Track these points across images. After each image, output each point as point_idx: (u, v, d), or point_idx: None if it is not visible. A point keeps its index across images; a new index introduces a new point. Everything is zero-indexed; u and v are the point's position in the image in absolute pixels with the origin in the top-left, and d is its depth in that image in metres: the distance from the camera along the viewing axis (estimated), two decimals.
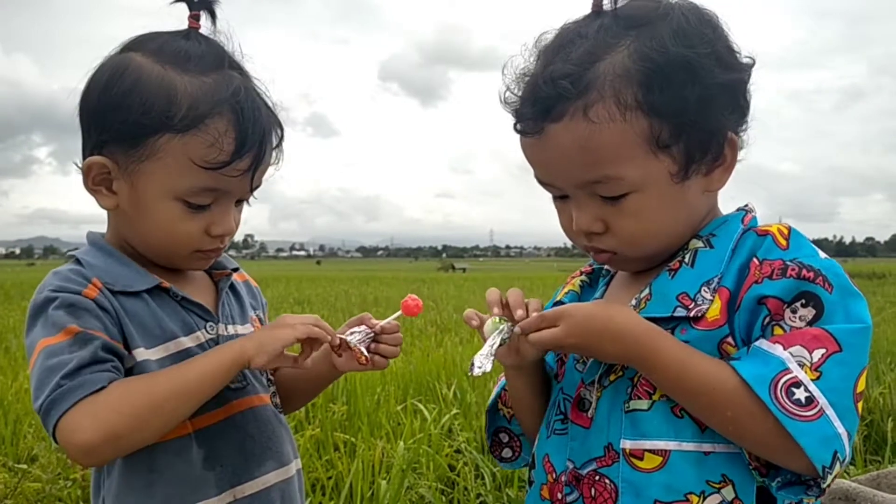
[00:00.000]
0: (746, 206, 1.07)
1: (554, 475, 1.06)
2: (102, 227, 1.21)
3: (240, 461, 1.15)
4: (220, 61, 1.08)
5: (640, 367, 0.96)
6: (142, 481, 1.08)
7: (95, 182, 1.09)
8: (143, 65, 1.06)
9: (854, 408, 0.88)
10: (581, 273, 1.22)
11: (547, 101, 0.95)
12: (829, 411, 0.85)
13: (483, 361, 0.97)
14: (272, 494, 1.18)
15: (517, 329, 0.99)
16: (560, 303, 1.17)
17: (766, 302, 0.92)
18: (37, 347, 1.02)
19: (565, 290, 1.21)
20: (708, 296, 0.97)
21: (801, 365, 0.87)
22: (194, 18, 1.10)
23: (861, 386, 0.89)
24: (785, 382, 0.87)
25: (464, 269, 63.61)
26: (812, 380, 0.86)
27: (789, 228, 0.99)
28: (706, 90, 0.94)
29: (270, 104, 1.13)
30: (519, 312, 1.00)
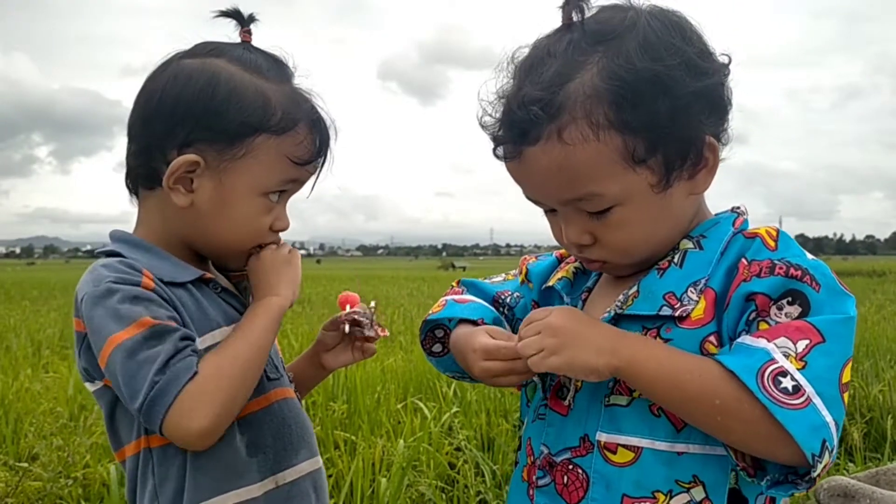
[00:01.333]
0: (738, 207, 1.07)
1: (532, 458, 1.09)
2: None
3: (279, 449, 1.18)
4: (287, 73, 1.19)
5: (624, 358, 0.94)
6: (189, 466, 1.10)
7: (177, 179, 1.12)
8: (235, 72, 1.13)
9: (840, 398, 0.87)
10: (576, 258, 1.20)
11: (521, 125, 0.96)
12: (817, 400, 0.85)
13: None
14: (306, 483, 1.21)
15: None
16: (550, 288, 1.18)
17: (755, 298, 0.92)
18: (108, 343, 1.02)
19: (558, 275, 1.20)
20: (694, 296, 0.97)
21: (787, 355, 0.87)
22: (247, 33, 1.19)
23: (846, 377, 0.88)
24: (772, 372, 0.86)
25: (464, 268, 63.59)
26: (798, 369, 0.86)
27: (777, 230, 1.00)
28: (678, 101, 0.93)
29: (326, 113, 1.23)
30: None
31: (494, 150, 1.02)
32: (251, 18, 1.19)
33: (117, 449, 1.15)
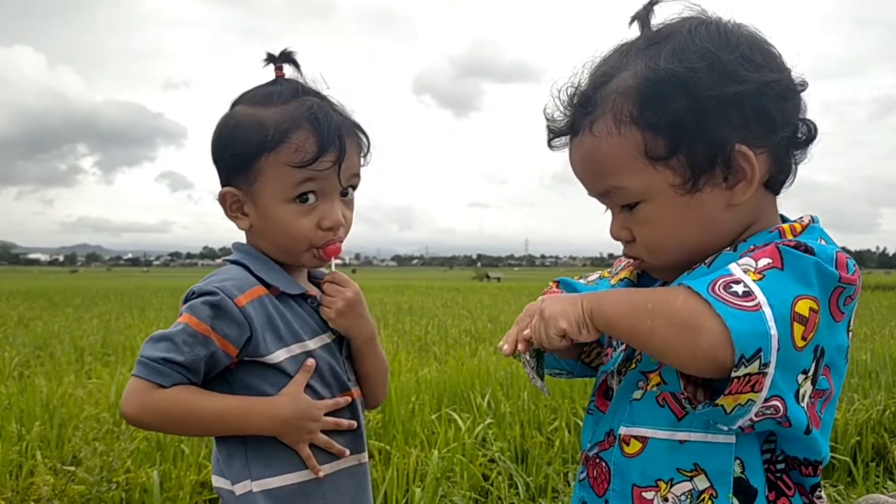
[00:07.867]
0: (801, 218, 1.04)
1: (581, 453, 1.14)
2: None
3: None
4: (296, 91, 1.32)
5: (593, 299, 0.98)
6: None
7: (232, 210, 1.34)
8: (241, 111, 1.32)
9: (789, 321, 0.83)
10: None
11: (568, 118, 1.05)
12: (767, 310, 0.82)
13: (536, 380, 1.11)
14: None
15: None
16: (612, 286, 1.19)
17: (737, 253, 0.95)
18: (183, 316, 1.24)
19: (619, 275, 1.20)
20: None
21: (746, 271, 0.87)
22: (279, 69, 1.35)
23: (801, 309, 0.84)
24: (724, 281, 0.86)
25: (498, 279, 63.43)
26: (754, 280, 0.85)
27: (805, 225, 0.99)
28: (698, 102, 0.94)
29: (346, 113, 1.36)
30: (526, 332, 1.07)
31: (549, 141, 1.09)
32: (285, 57, 1.34)
33: None
